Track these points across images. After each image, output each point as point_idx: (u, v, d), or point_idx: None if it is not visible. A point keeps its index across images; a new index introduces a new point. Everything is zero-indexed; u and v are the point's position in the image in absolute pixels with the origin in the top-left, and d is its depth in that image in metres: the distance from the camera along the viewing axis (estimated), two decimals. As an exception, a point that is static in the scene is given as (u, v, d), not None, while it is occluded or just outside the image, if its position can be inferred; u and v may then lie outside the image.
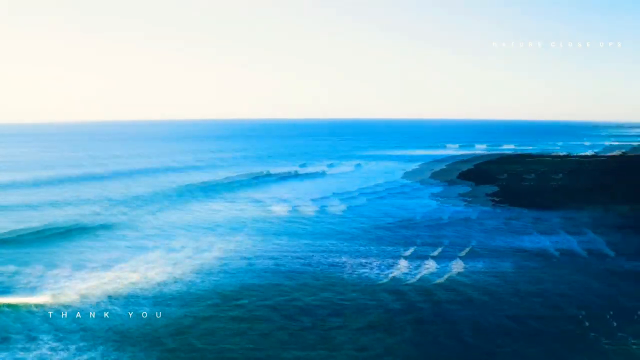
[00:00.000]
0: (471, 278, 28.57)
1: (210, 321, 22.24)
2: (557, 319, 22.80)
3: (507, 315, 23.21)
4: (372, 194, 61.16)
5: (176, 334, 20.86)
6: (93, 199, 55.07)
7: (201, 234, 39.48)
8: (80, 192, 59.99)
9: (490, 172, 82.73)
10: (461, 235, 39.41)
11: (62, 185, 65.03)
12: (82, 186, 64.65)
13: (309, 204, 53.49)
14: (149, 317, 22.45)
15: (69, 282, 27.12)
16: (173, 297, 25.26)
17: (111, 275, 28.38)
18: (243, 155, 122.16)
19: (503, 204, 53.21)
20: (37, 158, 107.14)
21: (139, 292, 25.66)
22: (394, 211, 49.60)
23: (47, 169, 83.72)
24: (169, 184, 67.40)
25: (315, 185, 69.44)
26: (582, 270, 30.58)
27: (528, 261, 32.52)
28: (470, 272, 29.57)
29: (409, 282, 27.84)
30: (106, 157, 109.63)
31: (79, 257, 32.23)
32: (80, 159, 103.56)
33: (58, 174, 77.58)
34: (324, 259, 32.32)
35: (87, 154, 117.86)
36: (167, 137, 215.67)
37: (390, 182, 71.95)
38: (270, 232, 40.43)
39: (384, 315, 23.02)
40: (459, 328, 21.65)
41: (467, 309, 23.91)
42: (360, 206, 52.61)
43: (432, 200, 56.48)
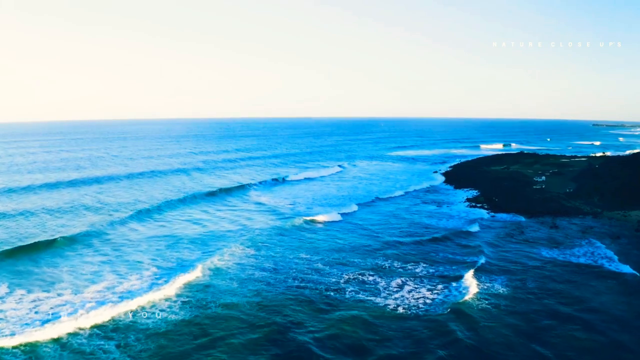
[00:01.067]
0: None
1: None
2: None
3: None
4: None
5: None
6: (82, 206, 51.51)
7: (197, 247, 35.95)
8: (76, 198, 56.54)
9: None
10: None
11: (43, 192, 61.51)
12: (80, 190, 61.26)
13: (352, 207, 51.17)
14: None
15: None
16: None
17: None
18: (262, 155, 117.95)
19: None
20: (36, 159, 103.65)
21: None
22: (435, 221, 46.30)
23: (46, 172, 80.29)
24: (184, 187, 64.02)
25: (352, 186, 67.17)
26: None
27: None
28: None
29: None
30: (109, 158, 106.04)
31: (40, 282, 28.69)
32: (80, 160, 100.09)
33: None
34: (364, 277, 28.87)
35: (87, 154, 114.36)
36: (166, 137, 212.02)
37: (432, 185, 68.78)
38: (306, 243, 37.23)
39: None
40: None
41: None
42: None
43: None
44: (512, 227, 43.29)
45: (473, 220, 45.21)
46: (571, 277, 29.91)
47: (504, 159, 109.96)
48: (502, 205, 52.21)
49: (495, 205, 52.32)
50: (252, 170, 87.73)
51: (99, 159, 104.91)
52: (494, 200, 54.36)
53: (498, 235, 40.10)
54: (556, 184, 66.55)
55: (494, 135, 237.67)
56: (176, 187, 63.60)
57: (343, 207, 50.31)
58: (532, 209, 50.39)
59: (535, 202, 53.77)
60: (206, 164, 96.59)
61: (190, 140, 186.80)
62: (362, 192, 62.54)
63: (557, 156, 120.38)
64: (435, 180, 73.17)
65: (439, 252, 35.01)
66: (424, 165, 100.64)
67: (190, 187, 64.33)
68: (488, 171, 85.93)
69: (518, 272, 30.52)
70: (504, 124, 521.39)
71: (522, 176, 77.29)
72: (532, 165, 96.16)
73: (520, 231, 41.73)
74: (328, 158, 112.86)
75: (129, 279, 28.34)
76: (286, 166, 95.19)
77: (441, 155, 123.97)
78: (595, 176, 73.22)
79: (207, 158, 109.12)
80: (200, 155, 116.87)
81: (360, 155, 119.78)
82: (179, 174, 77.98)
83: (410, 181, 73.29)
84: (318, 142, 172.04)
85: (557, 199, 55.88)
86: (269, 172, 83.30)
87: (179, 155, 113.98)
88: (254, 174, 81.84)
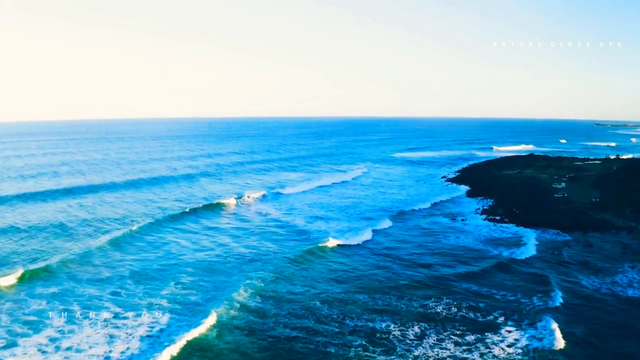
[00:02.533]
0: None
1: None
2: None
3: None
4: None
5: None
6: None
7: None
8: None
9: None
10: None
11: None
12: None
13: (359, 224, 44.78)
14: None
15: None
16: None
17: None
18: (270, 159, 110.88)
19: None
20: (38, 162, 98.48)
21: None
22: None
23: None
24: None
25: (363, 196, 60.84)
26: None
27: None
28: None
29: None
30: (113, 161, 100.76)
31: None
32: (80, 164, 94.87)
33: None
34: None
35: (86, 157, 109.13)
36: (165, 137, 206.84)
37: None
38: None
39: None
40: None
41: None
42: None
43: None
44: (542, 246, 37.70)
45: (496, 239, 39.53)
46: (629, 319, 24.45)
47: (515, 162, 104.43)
48: (524, 217, 46.62)
49: (517, 217, 46.73)
50: (261, 175, 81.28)
51: (91, 162, 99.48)
52: (514, 212, 48.78)
53: (528, 261, 34.26)
54: (578, 192, 60.98)
55: (499, 136, 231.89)
56: (174, 197, 57.67)
57: (360, 230, 41.94)
58: (558, 222, 44.86)
59: (560, 214, 48.19)
60: (209, 168, 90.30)
61: (190, 141, 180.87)
62: (381, 203, 55.95)
63: (569, 159, 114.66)
64: (452, 190, 67.68)
65: (462, 285, 29.28)
66: (432, 169, 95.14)
67: (191, 197, 58.11)
68: (500, 176, 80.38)
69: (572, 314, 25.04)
70: (505, 124, 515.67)
71: (539, 182, 71.67)
72: (545, 169, 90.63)
73: (553, 252, 36.20)
74: (340, 162, 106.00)
75: (115, 340, 21.55)
76: (297, 171, 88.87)
77: (448, 158, 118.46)
78: (617, 182, 67.56)
79: (209, 161, 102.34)
80: (202, 158, 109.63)
81: (370, 158, 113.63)
82: (179, 181, 71.29)
83: (426, 189, 67.91)
84: (325, 144, 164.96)
85: (584, 210, 50.30)
86: (280, 178, 76.90)
87: (179, 159, 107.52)
88: (264, 179, 75.52)
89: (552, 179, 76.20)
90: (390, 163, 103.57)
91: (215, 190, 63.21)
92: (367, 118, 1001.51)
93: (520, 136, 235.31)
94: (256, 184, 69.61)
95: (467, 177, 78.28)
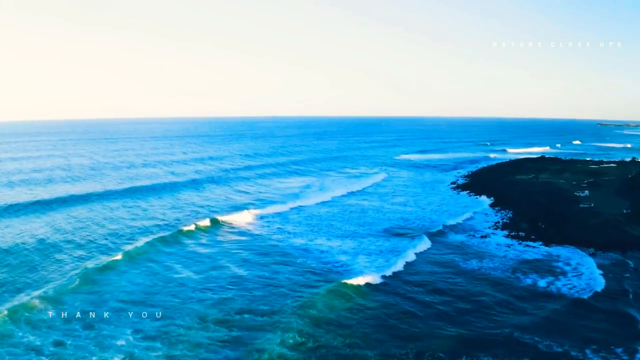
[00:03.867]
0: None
1: None
2: None
3: None
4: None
5: None
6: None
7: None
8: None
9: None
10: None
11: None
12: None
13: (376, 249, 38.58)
14: None
15: None
16: None
17: None
18: (279, 162, 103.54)
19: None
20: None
21: None
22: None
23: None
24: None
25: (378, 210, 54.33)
26: None
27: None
28: None
29: None
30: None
31: None
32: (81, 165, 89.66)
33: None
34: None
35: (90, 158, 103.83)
36: (166, 137, 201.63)
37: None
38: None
39: None
40: None
41: None
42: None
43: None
44: (593, 272, 31.96)
45: (531, 264, 33.75)
46: None
47: (527, 165, 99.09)
48: (553, 234, 41.16)
49: (544, 234, 41.27)
50: (269, 181, 75.03)
51: (82, 167, 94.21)
52: (539, 227, 43.31)
53: (596, 296, 27.97)
54: (604, 201, 55.54)
55: (507, 137, 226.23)
56: (171, 209, 51.64)
57: (386, 256, 35.19)
58: (591, 239, 39.46)
59: (591, 228, 42.76)
60: (214, 172, 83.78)
61: (192, 142, 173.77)
62: (397, 218, 48.62)
63: (582, 161, 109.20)
64: (468, 200, 62.30)
65: (536, 339, 22.66)
66: (442, 174, 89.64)
67: (190, 209, 51.48)
68: (514, 181, 75.00)
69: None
70: (507, 124, 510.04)
71: (558, 189, 66.28)
72: (561, 174, 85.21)
73: (616, 280, 30.70)
74: (349, 165, 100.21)
75: None
76: (307, 174, 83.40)
77: (456, 160, 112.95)
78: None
79: (213, 165, 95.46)
80: (206, 161, 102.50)
81: (378, 161, 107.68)
82: (180, 190, 64.60)
83: (437, 198, 62.55)
84: (330, 145, 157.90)
85: (617, 223, 44.85)
86: (290, 186, 70.41)
87: (180, 162, 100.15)
88: (272, 187, 68.93)
89: (571, 185, 70.87)
90: (400, 167, 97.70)
91: (219, 200, 57.43)
92: (368, 117, 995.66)
93: (527, 137, 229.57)
94: (265, 193, 63.41)
95: (479, 183, 72.80)
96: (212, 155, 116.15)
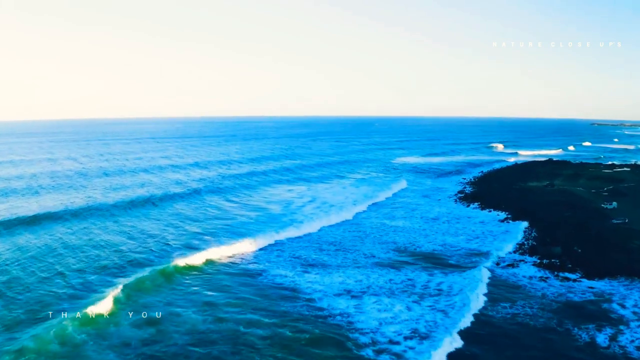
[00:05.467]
0: None
1: None
2: None
3: None
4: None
5: None
6: None
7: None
8: None
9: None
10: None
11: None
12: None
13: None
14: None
15: None
16: None
17: None
18: (288, 167, 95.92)
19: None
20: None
21: None
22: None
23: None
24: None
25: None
26: None
27: None
28: None
29: None
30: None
31: None
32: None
33: None
34: None
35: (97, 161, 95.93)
36: (166, 137, 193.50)
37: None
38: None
39: None
40: None
41: None
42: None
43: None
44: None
45: (583, 311, 26.33)
46: None
47: (536, 170, 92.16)
48: (593, 260, 33.97)
49: (582, 260, 34.06)
50: (277, 189, 67.57)
51: (68, 174, 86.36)
52: (575, 252, 36.04)
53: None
54: (636, 214, 48.56)
55: (506, 137, 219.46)
56: (159, 236, 43.80)
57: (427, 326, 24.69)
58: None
59: (636, 252, 35.71)
60: (216, 180, 74.73)
61: (194, 144, 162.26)
62: (412, 241, 40.73)
63: (593, 165, 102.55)
64: (490, 221, 55.27)
65: None
66: (444, 180, 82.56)
67: (184, 236, 41.43)
68: (528, 189, 68.00)
69: None
70: (506, 124, 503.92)
71: (579, 199, 59.32)
72: (575, 180, 78.41)
73: None
74: (361, 170, 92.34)
75: None
76: (321, 181, 75.98)
77: (459, 163, 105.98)
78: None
79: (215, 172, 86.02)
80: (209, 167, 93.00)
81: (389, 166, 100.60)
82: (177, 201, 57.09)
83: (445, 210, 55.53)
84: (338, 147, 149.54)
85: None
86: (302, 196, 62.53)
87: (181, 168, 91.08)
88: (281, 198, 60.20)
89: (592, 194, 64.04)
90: (401, 172, 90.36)
91: (219, 219, 48.94)
92: (368, 117, 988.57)
93: (530, 137, 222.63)
94: (271, 208, 54.29)
95: (489, 192, 65.63)
96: (213, 160, 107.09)
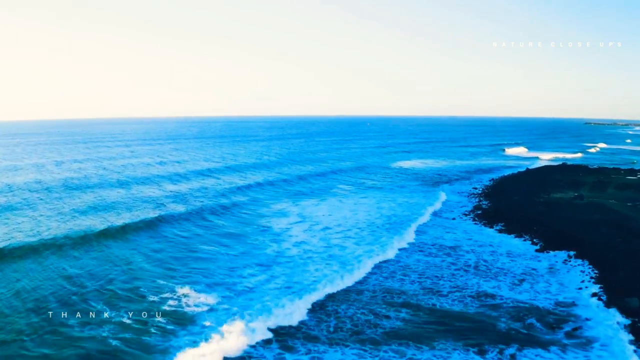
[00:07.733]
0: None
1: None
2: None
3: None
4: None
5: None
6: None
7: None
8: None
9: None
10: None
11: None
12: None
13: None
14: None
15: None
16: None
17: None
18: (294, 174, 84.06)
19: None
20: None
21: None
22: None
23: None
24: None
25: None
26: None
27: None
28: None
29: None
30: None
31: None
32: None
33: None
34: None
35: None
36: (157, 139, 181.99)
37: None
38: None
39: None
40: None
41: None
42: None
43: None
44: None
45: None
46: None
47: (554, 177, 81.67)
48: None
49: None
50: (280, 206, 54.64)
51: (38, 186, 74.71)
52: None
53: None
54: None
55: (512, 138, 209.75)
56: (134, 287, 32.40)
57: None
58: None
59: None
60: (209, 198, 57.69)
61: (185, 148, 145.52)
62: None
63: (613, 170, 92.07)
64: (523, 253, 44.44)
65: None
66: (452, 190, 71.60)
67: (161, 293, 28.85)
68: (554, 203, 57.23)
69: None
70: (507, 123, 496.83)
71: (620, 216, 48.46)
72: (603, 189, 67.87)
73: None
74: (375, 182, 74.45)
75: None
76: (323, 197, 61.00)
77: (464, 168, 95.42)
78: None
79: (209, 182, 71.33)
80: (207, 177, 76.89)
81: (381, 172, 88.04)
82: (156, 230, 41.83)
83: (472, 237, 44.61)
84: (338, 151, 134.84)
85: None
86: (309, 228, 50.61)
87: (167, 178, 73.81)
88: (281, 228, 44.01)
89: (627, 207, 53.63)
90: (400, 180, 79.17)
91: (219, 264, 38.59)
92: (359, 117, 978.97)
93: (549, 140, 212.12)
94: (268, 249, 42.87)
95: (508, 208, 54.67)
96: (203, 169, 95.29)
